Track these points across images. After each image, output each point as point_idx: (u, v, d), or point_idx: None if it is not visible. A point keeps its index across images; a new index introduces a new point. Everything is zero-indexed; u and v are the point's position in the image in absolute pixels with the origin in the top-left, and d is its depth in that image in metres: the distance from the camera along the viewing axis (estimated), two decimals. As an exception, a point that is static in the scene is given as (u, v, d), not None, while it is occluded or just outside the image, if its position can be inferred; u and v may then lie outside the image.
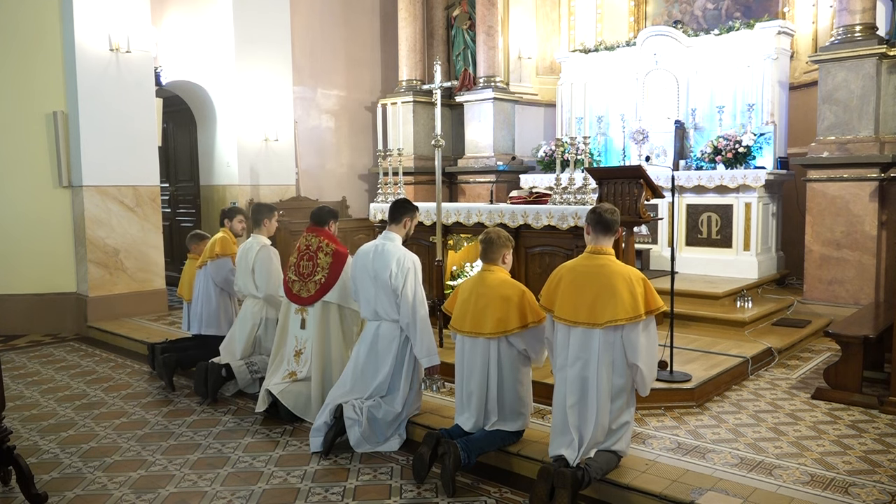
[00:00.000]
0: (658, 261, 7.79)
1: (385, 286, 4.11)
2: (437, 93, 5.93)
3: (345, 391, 4.22)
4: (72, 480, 3.75)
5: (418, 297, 4.10)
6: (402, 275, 4.07)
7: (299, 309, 4.69)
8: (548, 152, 9.57)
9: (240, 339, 5.25)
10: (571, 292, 3.45)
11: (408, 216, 4.36)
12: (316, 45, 10.58)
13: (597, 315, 3.36)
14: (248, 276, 5.25)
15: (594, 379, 3.38)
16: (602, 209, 3.53)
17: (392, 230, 4.32)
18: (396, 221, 4.34)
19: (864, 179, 6.51)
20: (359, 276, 4.27)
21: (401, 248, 4.21)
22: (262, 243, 5.26)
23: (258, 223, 5.36)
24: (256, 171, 9.26)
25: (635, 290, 3.35)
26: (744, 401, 4.66)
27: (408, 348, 4.20)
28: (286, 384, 4.58)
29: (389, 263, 4.10)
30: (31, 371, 6.04)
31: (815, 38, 8.08)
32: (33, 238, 7.50)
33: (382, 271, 4.11)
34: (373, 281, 4.17)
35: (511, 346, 3.76)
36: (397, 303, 4.10)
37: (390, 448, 4.13)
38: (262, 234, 5.34)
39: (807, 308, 6.85)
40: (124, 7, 7.62)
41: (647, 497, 3.31)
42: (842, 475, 3.46)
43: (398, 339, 4.17)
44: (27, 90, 7.40)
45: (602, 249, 3.50)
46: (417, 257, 4.26)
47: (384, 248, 4.20)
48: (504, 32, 10.38)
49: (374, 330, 4.22)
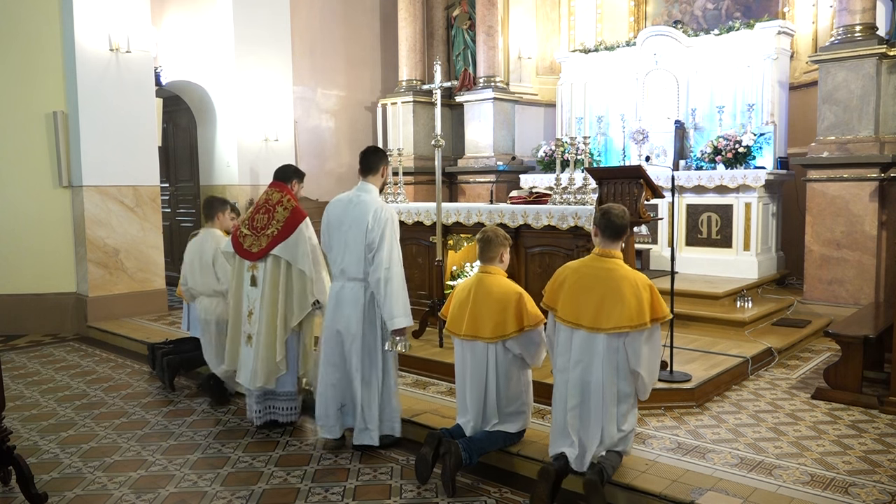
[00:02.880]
0: (658, 261, 7.79)
1: (358, 240, 3.87)
2: (437, 93, 5.94)
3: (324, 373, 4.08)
4: (72, 480, 3.75)
5: (395, 254, 3.87)
6: (380, 228, 3.82)
7: (251, 266, 4.41)
8: (548, 152, 9.57)
9: (211, 344, 5.11)
10: (575, 294, 3.42)
11: (384, 163, 4.11)
12: (316, 45, 10.58)
13: (601, 320, 3.32)
14: (206, 271, 5.09)
15: (597, 383, 3.35)
16: (613, 213, 3.43)
17: (369, 181, 4.05)
18: (373, 171, 4.06)
19: (864, 179, 6.51)
20: (329, 226, 4.03)
21: (378, 200, 3.96)
22: (217, 237, 5.11)
23: (210, 217, 5.24)
24: (256, 171, 9.25)
25: (642, 296, 3.30)
26: (744, 401, 4.66)
27: (375, 314, 3.96)
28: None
29: (366, 215, 3.86)
30: (31, 371, 6.03)
31: (815, 38, 8.08)
32: (33, 238, 7.49)
33: (357, 224, 3.87)
34: (344, 233, 3.93)
35: (508, 350, 3.74)
36: (368, 258, 3.86)
37: (372, 441, 4.03)
38: (216, 228, 5.22)
39: (807, 308, 6.85)
40: (124, 7, 7.62)
41: (647, 497, 3.31)
42: (842, 475, 3.46)
43: (363, 301, 3.95)
44: (27, 90, 7.39)
45: (610, 253, 3.44)
46: (394, 211, 4.05)
47: (360, 199, 3.96)
48: (504, 32, 10.38)
49: (337, 292, 4.01)
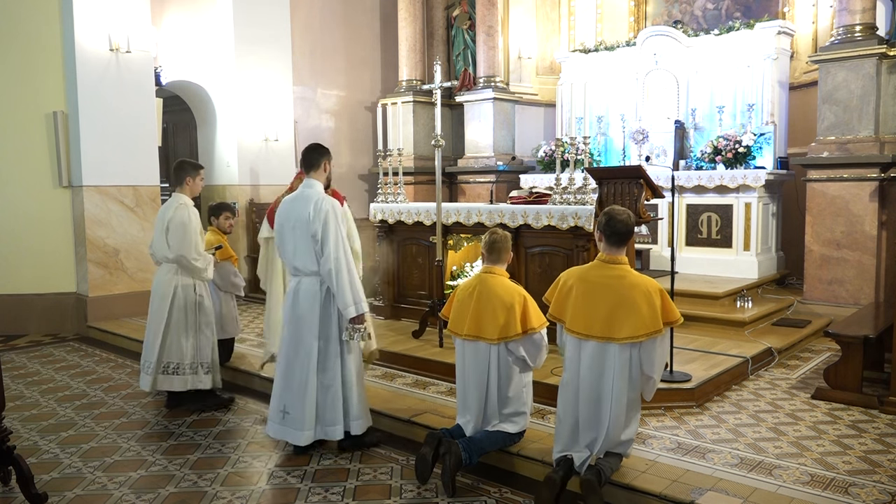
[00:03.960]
0: (658, 261, 7.79)
1: (303, 233, 3.93)
2: (437, 93, 5.94)
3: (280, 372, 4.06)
4: (72, 480, 3.75)
5: (341, 244, 3.89)
6: (321, 218, 3.88)
7: None
8: (548, 152, 9.58)
9: (154, 326, 4.83)
10: (585, 304, 3.35)
11: (325, 159, 4.17)
12: (316, 45, 10.58)
13: (614, 329, 3.27)
14: (161, 236, 4.86)
15: (609, 392, 3.32)
16: (617, 218, 3.36)
17: (312, 177, 4.11)
18: (315, 167, 4.14)
19: (864, 179, 6.51)
20: (280, 226, 4.09)
21: (320, 192, 4.03)
22: (181, 202, 4.86)
23: (180, 181, 4.95)
24: (256, 171, 9.26)
25: (654, 302, 3.26)
26: (744, 401, 4.66)
27: (331, 307, 3.97)
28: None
29: (307, 207, 3.93)
30: (31, 371, 6.03)
31: (815, 38, 8.08)
32: (33, 238, 7.50)
33: (300, 216, 3.94)
34: (291, 230, 3.99)
35: (510, 352, 3.74)
36: (316, 250, 3.91)
37: (336, 436, 3.99)
38: (185, 194, 4.94)
39: (807, 308, 6.85)
40: (124, 7, 7.63)
41: (647, 497, 3.31)
42: (842, 475, 3.46)
43: (319, 295, 3.97)
44: (27, 90, 7.40)
45: (616, 259, 3.38)
46: (338, 202, 4.11)
47: (303, 194, 4.04)
48: (504, 32, 10.38)
49: (294, 287, 4.05)
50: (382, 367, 5.48)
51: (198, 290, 4.92)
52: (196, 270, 4.84)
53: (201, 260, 4.84)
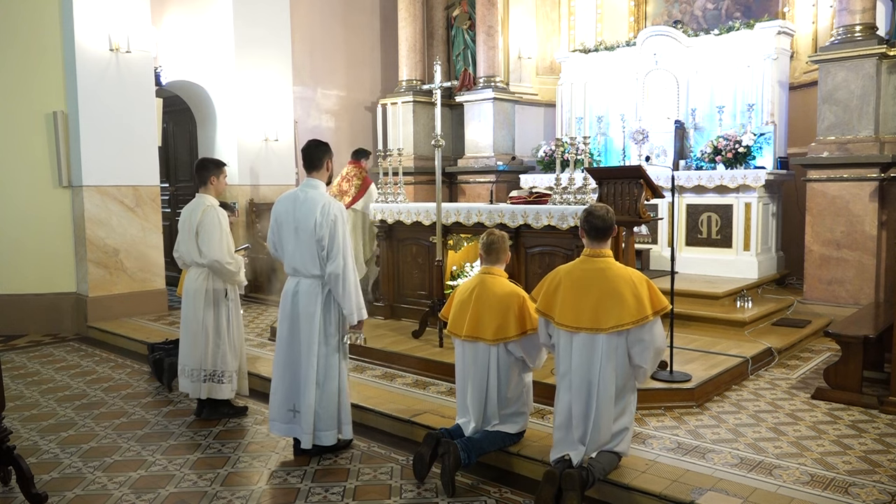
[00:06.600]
0: (658, 261, 7.79)
1: (308, 238, 3.84)
2: (437, 93, 5.93)
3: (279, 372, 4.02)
4: (72, 480, 3.75)
5: (348, 250, 3.85)
6: (329, 225, 3.80)
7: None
8: (548, 152, 9.57)
9: (190, 337, 4.69)
10: (572, 298, 3.41)
11: (328, 157, 4.08)
12: (316, 45, 10.58)
13: (601, 320, 3.33)
14: (191, 240, 4.68)
15: (597, 383, 3.36)
16: (595, 214, 3.45)
17: (314, 177, 4.01)
18: (317, 167, 4.03)
19: (864, 179, 6.51)
20: (279, 225, 3.99)
21: (325, 196, 3.92)
22: (208, 203, 4.69)
23: (204, 181, 4.75)
24: (256, 171, 9.26)
25: (639, 291, 3.32)
26: (744, 401, 4.66)
27: (332, 310, 3.93)
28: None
29: (314, 212, 3.83)
30: (31, 371, 6.03)
31: (815, 38, 8.08)
32: (33, 238, 7.49)
33: (306, 221, 3.84)
34: (293, 231, 3.90)
35: (509, 353, 3.75)
36: (321, 255, 3.84)
37: (328, 441, 3.97)
38: (210, 194, 4.76)
39: (807, 308, 6.85)
40: (124, 7, 7.62)
41: (647, 497, 3.31)
42: (842, 475, 3.46)
43: (321, 297, 3.91)
44: (27, 90, 7.40)
45: (600, 252, 3.46)
46: (343, 206, 4.05)
47: (307, 195, 3.91)
48: (504, 32, 10.39)
49: (293, 287, 3.97)
50: (382, 367, 5.48)
51: (230, 295, 4.79)
52: (230, 274, 4.70)
53: (234, 264, 4.71)
